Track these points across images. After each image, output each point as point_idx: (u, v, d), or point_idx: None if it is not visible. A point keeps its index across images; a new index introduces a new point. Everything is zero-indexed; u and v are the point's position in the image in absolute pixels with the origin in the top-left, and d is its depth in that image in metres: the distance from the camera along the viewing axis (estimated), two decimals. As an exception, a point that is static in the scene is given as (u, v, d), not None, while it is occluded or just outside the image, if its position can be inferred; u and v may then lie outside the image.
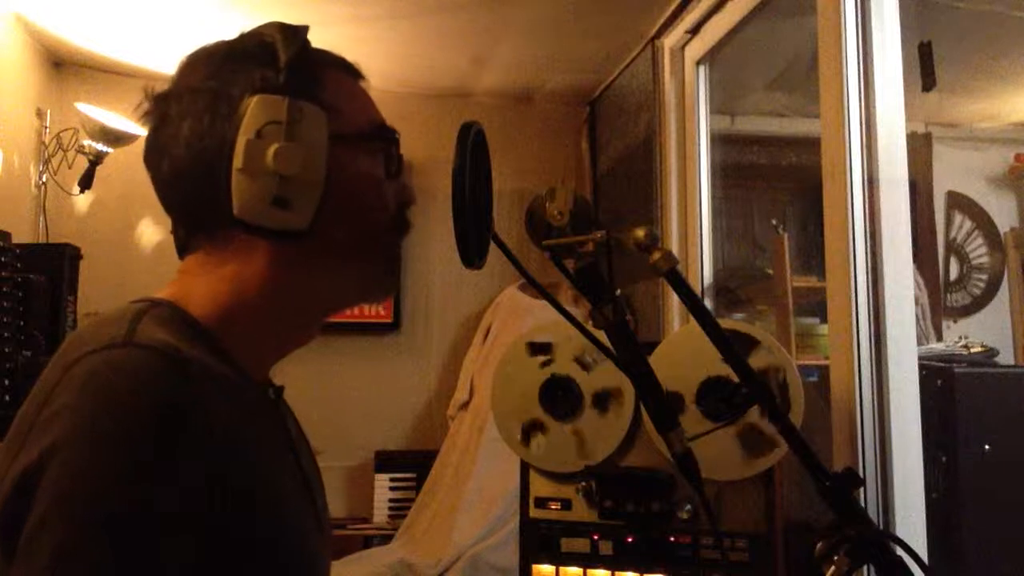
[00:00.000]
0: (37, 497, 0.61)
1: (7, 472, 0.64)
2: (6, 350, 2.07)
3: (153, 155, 0.81)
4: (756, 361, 1.40)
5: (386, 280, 0.88)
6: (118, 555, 0.60)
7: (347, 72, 0.87)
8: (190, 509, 0.64)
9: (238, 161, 0.75)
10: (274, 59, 0.77)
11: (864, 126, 1.61)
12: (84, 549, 0.60)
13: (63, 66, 3.14)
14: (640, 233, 0.81)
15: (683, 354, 1.46)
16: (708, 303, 2.49)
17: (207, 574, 0.65)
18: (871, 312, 1.57)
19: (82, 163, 2.83)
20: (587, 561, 1.51)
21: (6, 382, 2.04)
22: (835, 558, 0.71)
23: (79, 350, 0.67)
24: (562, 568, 1.52)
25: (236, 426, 0.72)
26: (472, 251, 0.81)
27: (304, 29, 0.80)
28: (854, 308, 1.57)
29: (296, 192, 0.76)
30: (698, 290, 2.49)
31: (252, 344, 0.80)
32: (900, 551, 0.72)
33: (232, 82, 0.78)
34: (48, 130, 2.94)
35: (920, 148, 3.19)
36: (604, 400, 1.52)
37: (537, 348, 1.57)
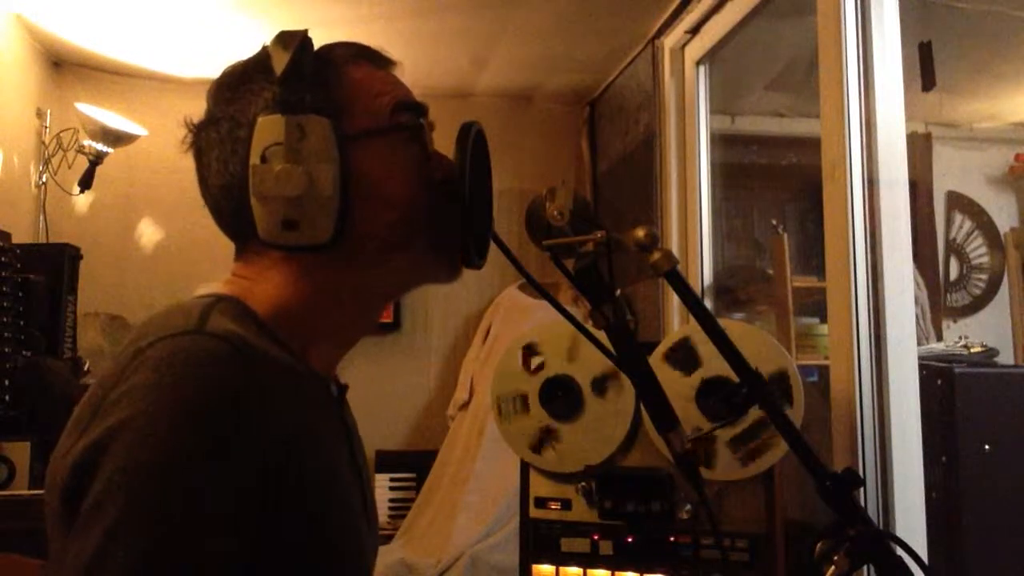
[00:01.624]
0: (98, 475, 0.62)
1: (72, 448, 0.65)
2: (6, 350, 2.06)
3: (201, 188, 0.83)
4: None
5: (443, 268, 0.85)
6: (166, 536, 0.61)
7: (366, 61, 0.85)
8: (246, 495, 0.64)
9: (251, 187, 0.76)
10: (272, 76, 0.77)
11: (864, 126, 1.61)
12: (133, 528, 0.60)
13: (63, 66, 3.13)
14: (640, 233, 0.81)
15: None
16: (708, 303, 2.49)
17: (259, 558, 0.65)
18: (871, 312, 1.57)
19: (82, 163, 2.83)
20: (587, 561, 1.51)
21: (6, 382, 2.03)
22: (835, 558, 0.71)
23: (149, 337, 0.69)
24: (562, 568, 1.52)
25: (298, 414, 0.73)
26: (472, 251, 0.81)
27: (299, 36, 0.78)
28: (854, 308, 1.57)
29: (307, 211, 0.75)
30: (698, 290, 2.49)
31: (310, 339, 0.80)
32: (900, 551, 0.72)
33: (243, 105, 0.79)
34: (48, 130, 2.94)
35: (920, 148, 3.19)
36: (602, 385, 1.52)
37: (528, 353, 1.57)
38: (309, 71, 0.78)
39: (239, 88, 0.80)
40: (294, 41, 0.77)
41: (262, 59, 0.80)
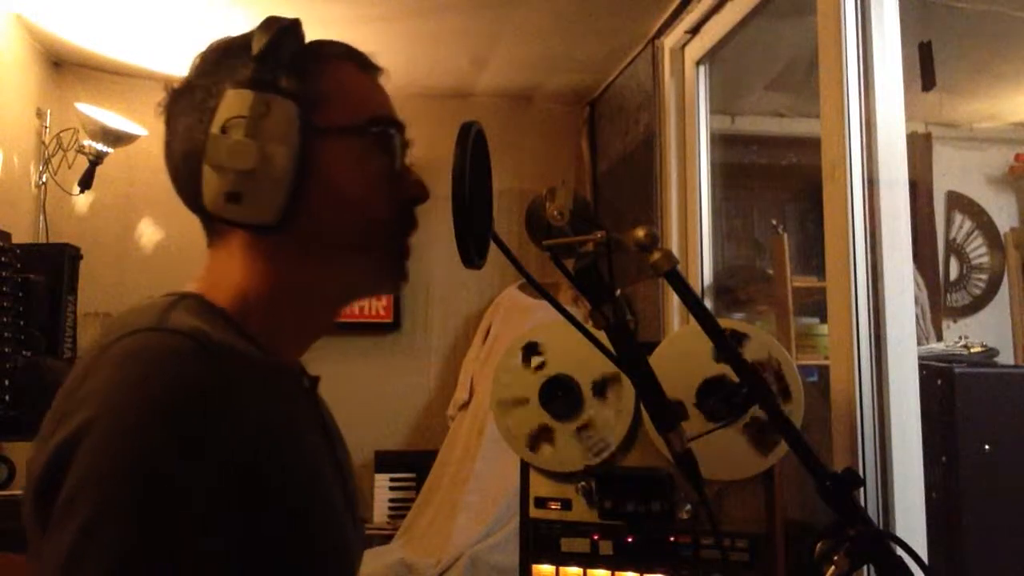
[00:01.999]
0: (69, 473, 0.63)
1: (44, 447, 0.66)
2: (6, 350, 2.06)
3: (165, 149, 0.83)
4: (749, 354, 1.40)
5: (391, 275, 0.86)
6: (142, 533, 0.61)
7: (355, 64, 0.86)
8: (218, 489, 0.64)
9: (206, 155, 0.76)
10: (251, 53, 0.78)
11: (864, 126, 1.61)
12: (109, 526, 0.60)
13: (63, 66, 3.13)
14: (640, 233, 0.81)
15: (683, 354, 1.46)
16: (708, 303, 2.49)
17: (237, 554, 0.65)
18: (871, 312, 1.57)
19: (82, 163, 2.83)
20: (587, 561, 1.51)
21: (6, 382, 2.03)
22: (835, 558, 0.71)
23: (112, 336, 0.69)
24: (562, 568, 1.52)
25: (268, 406, 0.73)
26: (472, 251, 0.81)
27: (285, 21, 0.80)
28: (854, 308, 1.57)
29: (253, 187, 0.76)
30: (698, 290, 2.49)
31: (275, 332, 0.81)
32: (900, 551, 0.72)
33: (219, 78, 0.79)
34: (48, 130, 2.94)
35: (920, 148, 3.19)
36: (603, 388, 1.52)
37: (529, 351, 1.57)
38: (289, 57, 0.79)
39: (219, 61, 0.81)
40: (279, 24, 0.79)
41: (248, 38, 0.81)
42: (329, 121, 0.80)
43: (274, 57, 0.78)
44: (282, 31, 0.79)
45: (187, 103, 0.80)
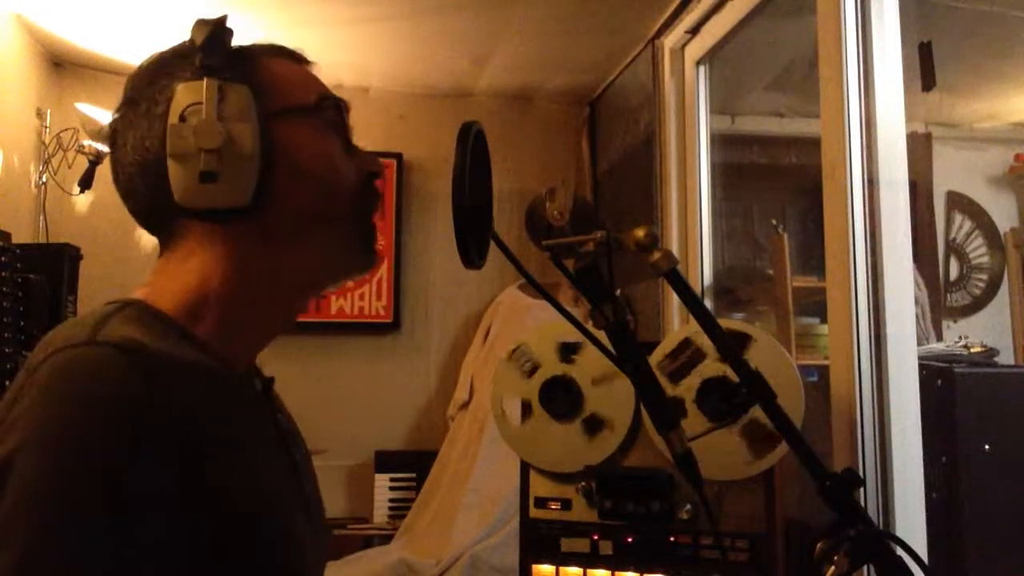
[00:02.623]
0: (4, 498, 0.61)
1: None
2: (6, 350, 2.06)
3: (114, 172, 0.83)
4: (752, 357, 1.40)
5: (358, 254, 0.86)
6: (84, 555, 0.60)
7: (287, 57, 0.87)
8: (157, 501, 0.63)
9: (168, 148, 0.76)
10: (193, 48, 0.79)
11: (864, 126, 1.61)
12: (47, 551, 0.59)
13: (63, 66, 3.13)
14: (640, 233, 0.81)
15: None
16: (708, 303, 2.49)
17: (182, 567, 0.64)
18: (871, 312, 1.57)
19: (82, 163, 2.83)
20: (587, 561, 1.51)
21: (6, 382, 2.03)
22: (835, 558, 0.71)
23: (44, 352, 0.68)
24: (562, 568, 1.52)
25: (209, 415, 0.71)
26: (472, 251, 0.81)
27: (222, 19, 0.80)
28: (854, 308, 1.57)
29: (225, 165, 0.76)
30: (698, 290, 2.49)
31: (228, 334, 0.79)
32: (900, 551, 0.72)
33: (162, 83, 0.79)
34: (48, 130, 2.94)
35: (920, 148, 3.19)
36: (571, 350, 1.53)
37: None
38: (229, 51, 0.80)
39: (158, 71, 0.81)
40: (213, 21, 0.80)
41: (181, 46, 0.82)
42: (280, 104, 0.81)
43: (219, 46, 0.79)
44: (218, 25, 0.79)
45: (131, 117, 0.80)
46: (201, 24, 0.80)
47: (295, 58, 0.88)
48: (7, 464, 0.62)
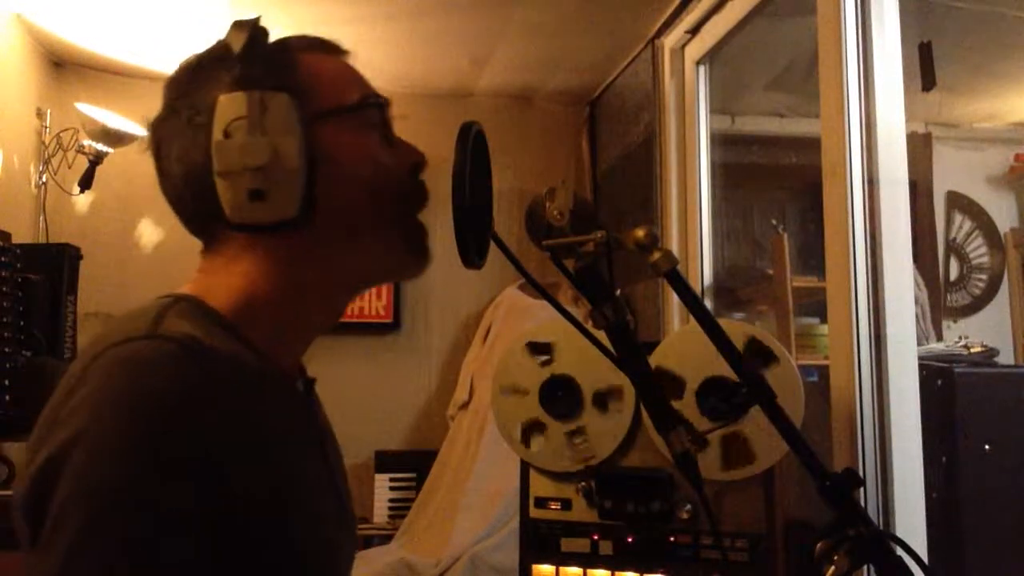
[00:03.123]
0: (55, 491, 0.62)
1: (33, 460, 0.65)
2: (6, 350, 2.06)
3: (161, 181, 0.83)
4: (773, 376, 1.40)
5: (406, 256, 0.86)
6: (131, 546, 0.61)
7: (323, 51, 0.86)
8: (204, 504, 0.64)
9: (215, 165, 0.76)
10: (231, 56, 0.78)
11: (864, 126, 1.61)
12: (98, 539, 0.60)
13: (63, 66, 3.13)
14: (640, 233, 0.81)
15: (683, 353, 1.46)
16: (708, 303, 2.49)
17: (223, 559, 0.65)
18: (871, 312, 1.57)
19: (82, 163, 2.83)
20: (587, 561, 1.51)
21: (6, 382, 2.03)
22: (835, 558, 0.71)
23: (104, 343, 0.68)
24: (562, 568, 1.52)
25: (258, 416, 0.73)
26: (472, 251, 0.81)
27: (252, 21, 0.80)
28: (854, 308, 1.57)
29: (272, 182, 0.75)
30: (698, 290, 2.49)
31: (275, 334, 0.80)
32: (900, 551, 0.72)
33: (202, 93, 0.79)
34: (48, 130, 2.94)
35: (920, 148, 3.19)
36: (604, 400, 1.52)
37: (537, 348, 1.58)
38: (267, 53, 0.79)
39: (196, 78, 0.81)
40: (249, 25, 0.79)
41: (217, 50, 0.81)
42: (321, 106, 0.80)
43: (256, 54, 0.78)
44: (255, 29, 0.79)
45: (174, 126, 0.80)
46: (237, 28, 0.79)
47: (332, 50, 0.87)
48: (65, 452, 0.63)
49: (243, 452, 0.68)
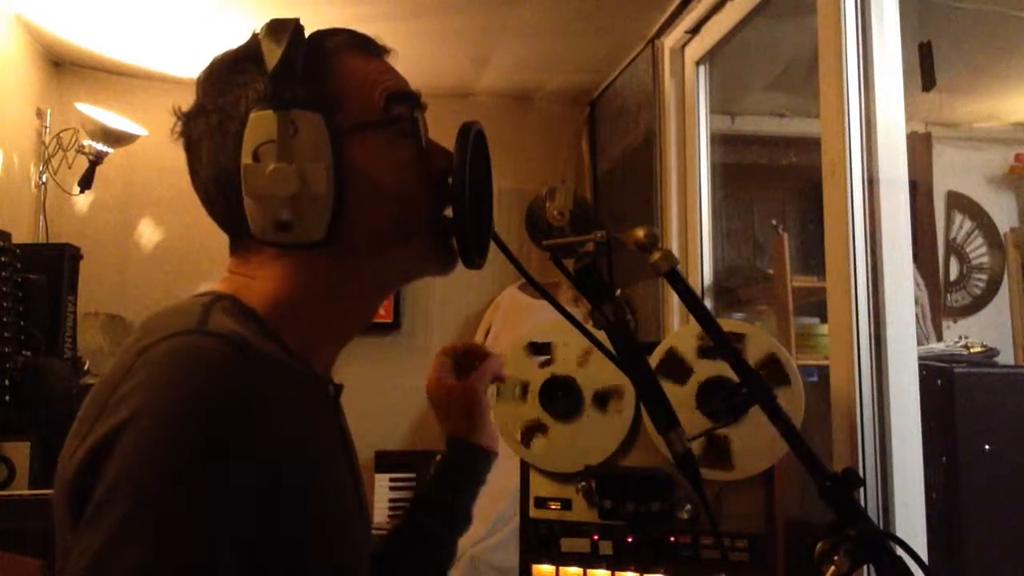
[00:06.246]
0: (102, 475, 0.62)
1: (78, 447, 0.65)
2: (6, 350, 2.06)
3: (192, 178, 0.83)
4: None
5: (434, 263, 0.85)
6: (171, 540, 0.61)
7: (358, 50, 0.85)
8: (247, 497, 0.64)
9: (244, 186, 0.75)
10: (264, 68, 0.76)
11: (864, 126, 1.61)
12: (140, 531, 0.60)
13: (63, 66, 3.13)
14: (640, 233, 0.81)
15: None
16: (708, 303, 2.49)
17: (260, 559, 0.66)
18: (871, 312, 1.57)
19: (82, 163, 2.83)
20: (587, 561, 1.51)
21: (6, 382, 2.03)
22: (835, 558, 0.71)
23: (151, 338, 0.69)
24: (562, 568, 1.52)
25: (298, 415, 0.73)
26: (472, 251, 0.81)
27: (290, 25, 0.77)
28: (854, 308, 1.57)
29: (300, 210, 0.75)
30: (698, 290, 2.49)
31: (307, 338, 0.80)
32: (900, 551, 0.72)
33: (234, 97, 0.78)
34: (48, 130, 2.94)
35: (920, 148, 3.19)
36: (604, 400, 1.52)
37: (537, 348, 1.58)
38: (300, 64, 0.77)
39: (229, 79, 0.80)
40: (285, 32, 0.77)
41: (252, 49, 0.79)
42: (350, 120, 0.79)
43: (288, 69, 0.76)
44: (292, 39, 0.76)
45: (204, 127, 0.79)
46: (272, 35, 0.77)
47: (368, 49, 0.86)
48: (113, 438, 0.63)
49: (290, 447, 0.69)
